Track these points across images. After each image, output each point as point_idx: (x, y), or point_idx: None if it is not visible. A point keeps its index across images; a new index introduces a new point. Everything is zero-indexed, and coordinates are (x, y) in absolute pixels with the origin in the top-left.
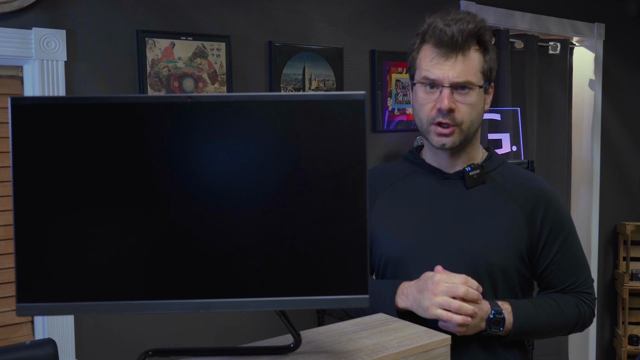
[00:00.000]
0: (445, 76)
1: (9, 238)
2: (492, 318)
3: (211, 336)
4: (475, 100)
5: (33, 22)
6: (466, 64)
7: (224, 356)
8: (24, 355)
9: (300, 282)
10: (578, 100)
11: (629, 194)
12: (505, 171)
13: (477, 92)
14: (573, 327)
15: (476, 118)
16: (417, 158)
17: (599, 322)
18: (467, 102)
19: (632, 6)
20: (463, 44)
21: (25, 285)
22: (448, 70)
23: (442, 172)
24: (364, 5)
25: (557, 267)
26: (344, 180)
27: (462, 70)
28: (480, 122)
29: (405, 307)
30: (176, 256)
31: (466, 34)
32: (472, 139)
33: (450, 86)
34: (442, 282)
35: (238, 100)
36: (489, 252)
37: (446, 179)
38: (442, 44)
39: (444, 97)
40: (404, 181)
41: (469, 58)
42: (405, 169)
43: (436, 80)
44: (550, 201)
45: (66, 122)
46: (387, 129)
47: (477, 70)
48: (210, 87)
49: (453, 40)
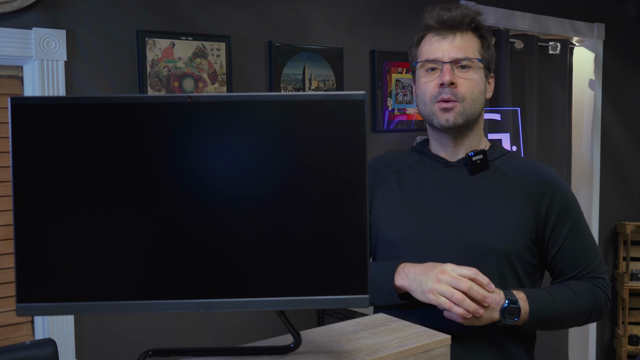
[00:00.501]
0: (444, 53)
1: (9, 238)
2: (507, 307)
3: (211, 336)
4: (476, 77)
5: (33, 22)
6: (465, 42)
7: (224, 356)
8: (24, 355)
9: (300, 282)
10: (578, 100)
11: (629, 194)
12: (510, 160)
13: (476, 70)
14: (590, 315)
15: (478, 97)
16: (423, 148)
17: (598, 322)
18: (468, 77)
19: (632, 6)
20: (461, 23)
21: (25, 285)
22: (447, 47)
23: (446, 160)
24: (364, 5)
25: (567, 253)
26: (344, 180)
27: (461, 46)
28: (482, 106)
29: (402, 286)
30: (176, 256)
31: (462, 15)
32: (474, 124)
33: (451, 62)
34: (449, 271)
35: (238, 100)
36: (493, 237)
37: (450, 167)
38: (442, 23)
39: (445, 71)
40: (409, 169)
41: (467, 38)
42: (412, 157)
43: (436, 59)
44: (557, 187)
45: (66, 122)
46: (387, 129)
47: (476, 51)
48: (210, 87)
49: (451, 18)
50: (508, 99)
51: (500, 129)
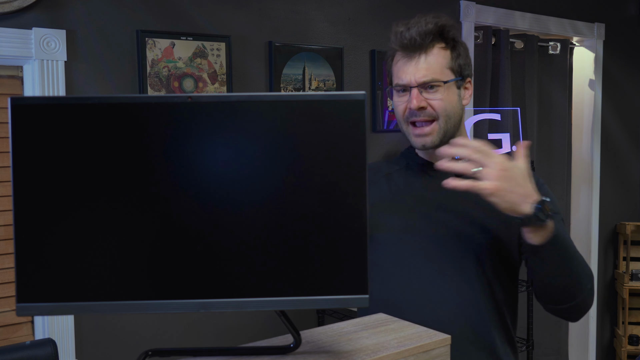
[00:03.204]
0: (411, 78)
1: (9, 238)
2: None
3: (211, 336)
4: (445, 95)
5: (33, 22)
6: (430, 63)
7: (224, 356)
8: (24, 355)
9: (300, 282)
10: (578, 100)
11: (629, 194)
12: None
13: (445, 88)
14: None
15: (452, 113)
16: (410, 153)
17: (599, 322)
18: (436, 98)
19: (632, 6)
20: (422, 44)
21: (25, 285)
22: (413, 71)
23: (431, 164)
24: (364, 5)
25: None
26: (344, 180)
27: (426, 69)
28: (459, 117)
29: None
30: (176, 256)
31: (424, 34)
32: (454, 133)
33: (418, 86)
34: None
35: (238, 100)
36: (478, 234)
37: (436, 170)
38: (404, 47)
39: (412, 97)
40: (398, 172)
41: (432, 56)
42: (401, 162)
43: (405, 84)
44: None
45: (66, 122)
46: (387, 129)
47: (444, 67)
48: (210, 87)
49: (412, 41)
50: (508, 99)
51: (500, 129)
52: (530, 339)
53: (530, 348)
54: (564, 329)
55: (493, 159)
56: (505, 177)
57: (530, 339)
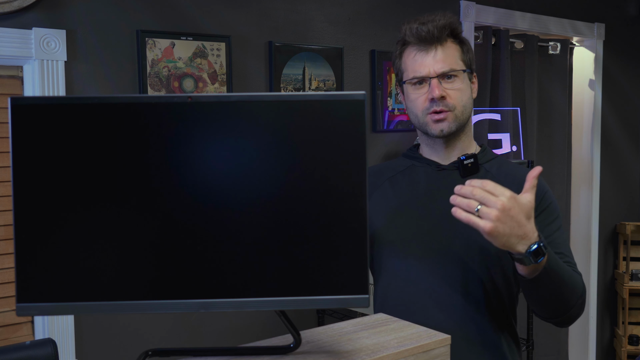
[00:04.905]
0: (430, 69)
1: (9, 238)
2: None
3: (211, 336)
4: (462, 85)
5: (33, 22)
6: (446, 54)
7: (224, 356)
8: (24, 355)
9: (300, 282)
10: (578, 100)
11: (629, 194)
12: (498, 164)
13: (462, 78)
14: (579, 297)
15: (467, 103)
16: (415, 153)
17: (599, 322)
18: (455, 88)
19: (632, 6)
20: (439, 36)
21: (25, 285)
22: (431, 63)
23: (437, 164)
24: (364, 5)
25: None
26: (344, 180)
27: (444, 60)
28: (471, 109)
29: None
30: (176, 256)
31: (441, 27)
32: (465, 127)
33: (437, 76)
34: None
35: (238, 100)
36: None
37: (442, 170)
38: (421, 39)
39: (434, 87)
40: (402, 174)
41: (447, 49)
42: (405, 163)
43: (424, 75)
44: (543, 190)
45: (66, 122)
46: (387, 129)
47: (458, 59)
48: (210, 87)
49: (430, 34)
50: (508, 99)
51: (500, 129)
52: (530, 339)
53: (530, 348)
54: (564, 329)
55: (496, 198)
56: (504, 219)
57: (531, 339)
